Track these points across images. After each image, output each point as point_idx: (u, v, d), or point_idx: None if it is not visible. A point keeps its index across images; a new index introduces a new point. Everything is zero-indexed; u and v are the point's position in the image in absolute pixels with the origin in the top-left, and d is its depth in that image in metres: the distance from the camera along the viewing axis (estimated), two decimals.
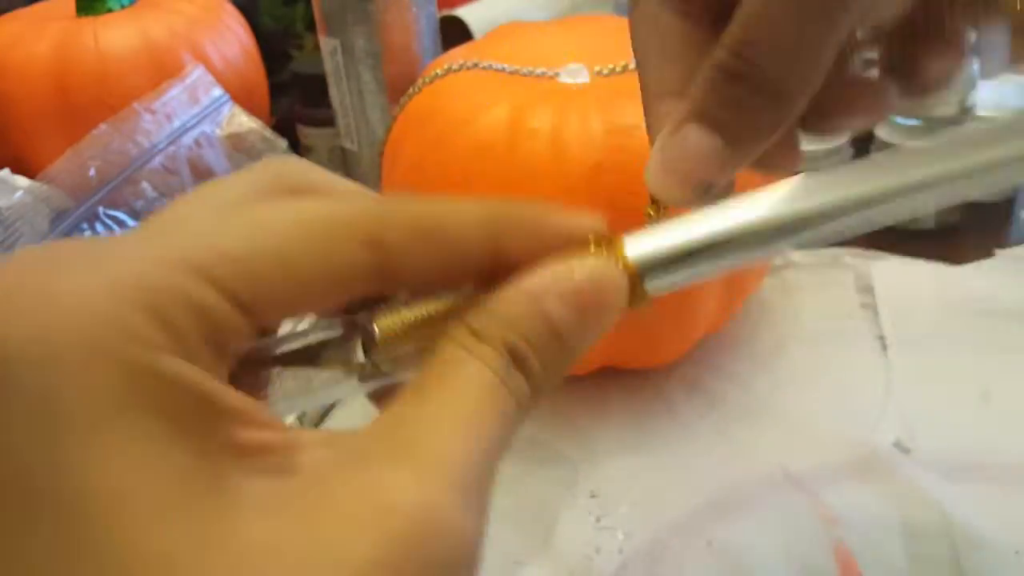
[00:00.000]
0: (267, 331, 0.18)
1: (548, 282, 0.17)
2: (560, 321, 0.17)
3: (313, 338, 0.19)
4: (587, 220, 0.19)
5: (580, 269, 0.18)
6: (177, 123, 0.56)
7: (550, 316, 0.17)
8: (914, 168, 0.18)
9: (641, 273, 0.19)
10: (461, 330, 0.17)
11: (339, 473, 0.15)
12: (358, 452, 0.15)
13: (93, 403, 0.14)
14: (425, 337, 0.18)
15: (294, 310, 0.17)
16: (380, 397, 0.21)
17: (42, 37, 0.60)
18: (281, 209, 0.17)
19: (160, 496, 0.14)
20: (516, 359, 0.17)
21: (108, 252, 0.15)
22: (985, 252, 0.50)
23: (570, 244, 0.18)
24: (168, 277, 0.15)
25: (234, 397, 0.15)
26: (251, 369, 0.18)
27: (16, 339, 0.14)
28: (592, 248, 0.19)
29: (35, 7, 0.67)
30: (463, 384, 0.16)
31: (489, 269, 0.18)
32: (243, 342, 0.16)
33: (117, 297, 0.14)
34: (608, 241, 0.19)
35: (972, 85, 0.54)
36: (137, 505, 0.13)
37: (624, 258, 0.19)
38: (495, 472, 0.16)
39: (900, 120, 0.54)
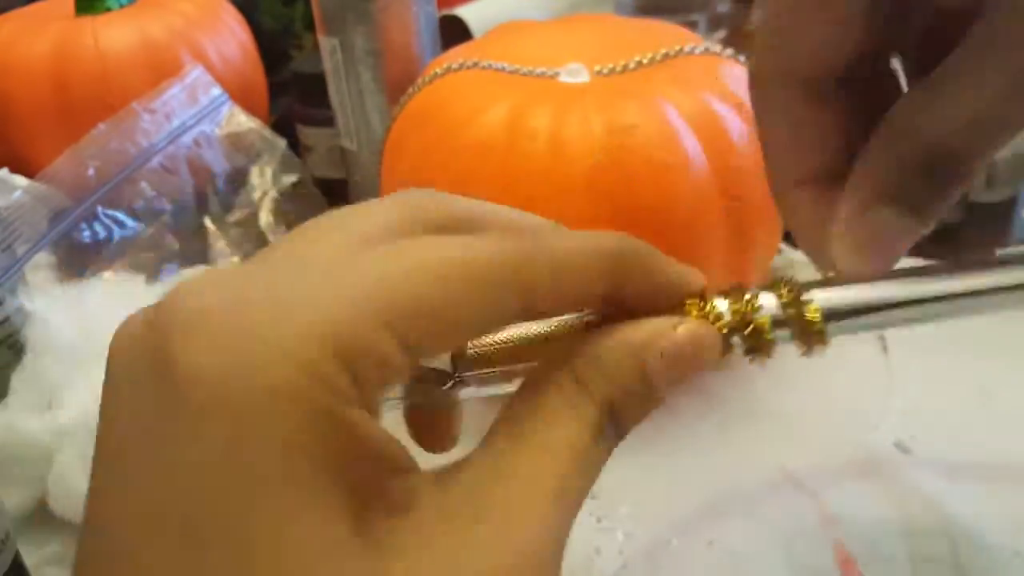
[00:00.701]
0: None
1: (652, 336, 0.18)
2: (655, 374, 0.18)
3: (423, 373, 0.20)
4: (698, 276, 0.20)
5: (683, 327, 0.19)
6: (176, 123, 0.56)
7: (649, 370, 0.18)
8: None
9: (826, 316, 0.20)
10: (565, 376, 0.18)
11: (458, 518, 0.16)
12: (471, 496, 0.16)
13: (278, 453, 0.14)
14: (514, 358, 0.19)
15: (444, 350, 0.18)
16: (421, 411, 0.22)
17: (41, 37, 0.60)
18: (443, 249, 0.17)
19: (324, 543, 0.14)
20: (612, 413, 0.18)
21: (292, 292, 0.16)
22: (985, 251, 0.50)
23: (679, 294, 0.19)
24: (355, 325, 0.15)
25: (386, 441, 0.16)
26: None
27: (204, 375, 0.14)
28: (695, 305, 0.20)
29: (34, 7, 0.66)
30: (564, 443, 0.17)
31: (605, 301, 0.19)
32: (403, 380, 0.17)
33: (310, 344, 0.15)
34: (706, 301, 0.20)
35: None
36: (301, 551, 0.14)
37: (756, 307, 0.20)
38: (572, 525, 0.17)
39: None
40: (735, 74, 0.42)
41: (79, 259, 0.50)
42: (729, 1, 0.83)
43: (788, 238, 0.49)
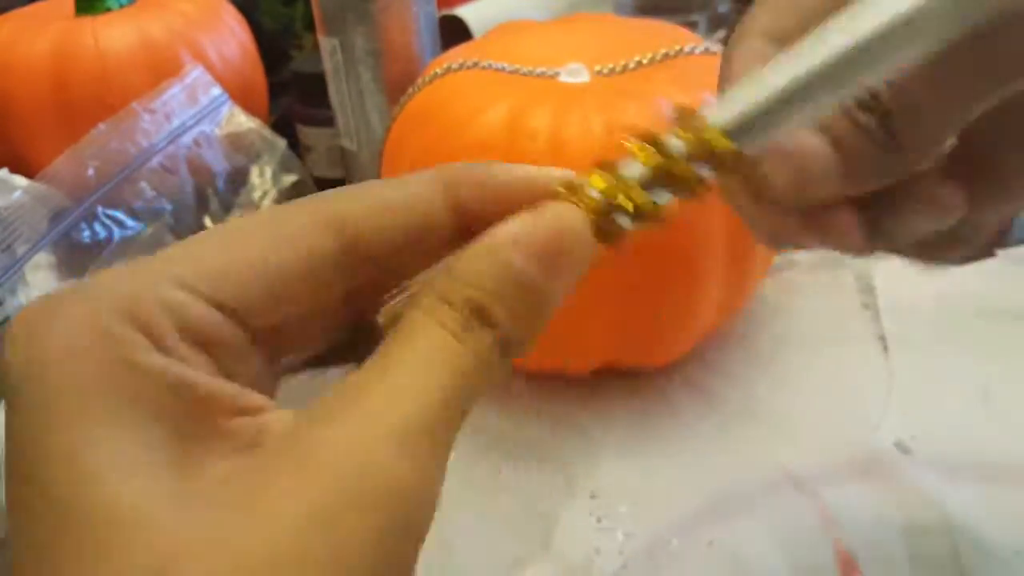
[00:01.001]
0: (283, 334, 0.18)
1: (507, 234, 0.17)
2: (523, 270, 0.17)
3: (323, 341, 0.19)
4: (555, 173, 0.19)
5: (539, 217, 0.17)
6: (176, 123, 0.56)
7: (512, 266, 0.17)
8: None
9: (728, 133, 0.19)
10: (424, 296, 0.17)
11: (287, 440, 0.16)
12: (310, 417, 0.16)
13: (72, 397, 0.15)
14: None
15: (283, 306, 0.17)
16: None
17: (41, 36, 0.60)
18: (253, 216, 0.18)
19: (128, 466, 0.15)
20: (478, 314, 0.17)
21: (95, 280, 0.17)
22: (985, 252, 0.50)
23: (537, 198, 0.18)
24: (143, 288, 0.16)
25: (213, 385, 0.16)
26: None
27: (17, 363, 0.16)
28: (562, 195, 0.18)
29: (34, 7, 0.66)
30: (416, 345, 0.16)
31: (460, 237, 0.18)
32: (236, 343, 0.17)
33: (94, 309, 0.16)
34: (575, 188, 0.19)
35: None
36: (108, 474, 0.15)
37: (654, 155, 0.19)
38: (453, 428, 0.16)
39: None
40: None
41: (79, 259, 0.50)
42: (729, 1, 0.83)
43: None
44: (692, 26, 0.75)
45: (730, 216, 0.39)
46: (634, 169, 0.19)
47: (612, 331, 0.40)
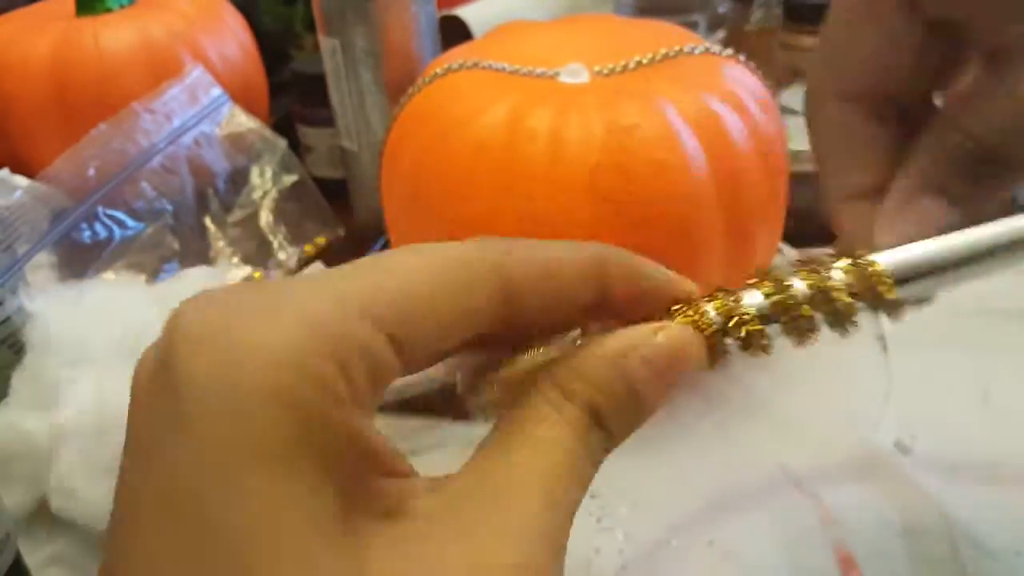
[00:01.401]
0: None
1: (632, 343, 0.18)
2: (638, 380, 0.18)
3: (428, 384, 0.21)
4: (686, 283, 0.20)
5: (663, 332, 0.19)
6: (176, 123, 0.56)
7: (630, 376, 0.18)
8: None
9: (894, 277, 0.20)
10: (548, 386, 0.18)
11: (445, 525, 0.16)
12: (459, 503, 0.17)
13: (266, 448, 0.15)
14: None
15: (434, 348, 0.18)
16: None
17: (42, 37, 0.60)
18: (425, 250, 0.18)
19: (304, 537, 0.15)
20: (597, 418, 0.18)
21: (286, 298, 0.16)
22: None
23: (665, 300, 0.20)
24: (343, 323, 0.16)
25: (379, 442, 0.17)
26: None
27: (200, 383, 0.15)
28: (681, 311, 0.20)
29: (34, 7, 0.66)
30: (549, 445, 0.17)
31: (595, 312, 0.19)
32: (394, 379, 0.17)
33: (299, 343, 0.15)
34: (695, 307, 0.20)
35: None
36: (282, 543, 0.14)
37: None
38: (569, 531, 0.17)
39: None
40: (735, 74, 0.42)
41: (80, 259, 0.50)
42: (729, 1, 0.84)
43: (788, 238, 0.49)
44: (692, 26, 0.75)
45: (729, 216, 0.39)
46: (754, 298, 0.20)
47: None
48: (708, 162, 0.38)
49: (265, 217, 0.57)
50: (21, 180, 0.49)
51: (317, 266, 0.55)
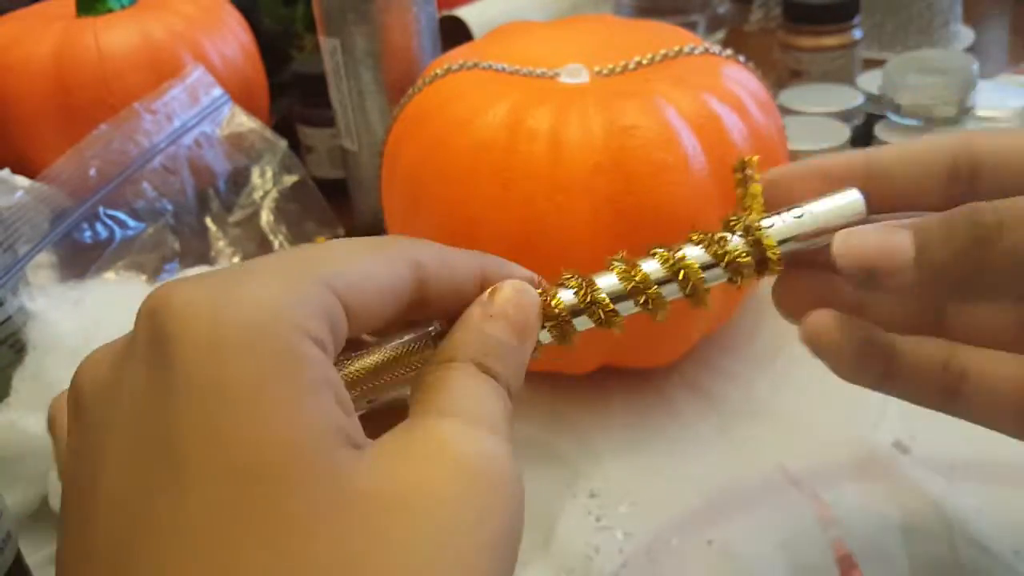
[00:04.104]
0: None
1: (482, 309, 0.22)
2: (500, 333, 0.22)
3: (401, 390, 0.23)
4: (522, 271, 0.24)
5: (496, 292, 0.23)
6: (177, 123, 0.56)
7: (491, 332, 0.22)
8: None
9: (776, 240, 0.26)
10: (438, 360, 0.21)
11: (403, 457, 0.19)
12: (406, 436, 0.20)
13: (284, 371, 0.17)
14: (374, 377, 0.22)
15: (376, 319, 0.21)
16: None
17: (42, 37, 0.60)
18: (363, 240, 0.22)
19: (329, 441, 0.18)
20: (483, 368, 0.21)
21: (258, 267, 0.20)
22: None
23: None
24: (313, 286, 0.19)
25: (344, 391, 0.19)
26: None
27: (203, 336, 0.18)
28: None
29: (35, 7, 0.67)
30: (463, 379, 0.21)
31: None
32: (342, 344, 0.20)
33: (285, 300, 0.18)
34: (547, 290, 0.24)
35: (972, 86, 0.54)
36: (314, 449, 0.17)
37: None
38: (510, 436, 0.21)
39: (898, 119, 0.54)
40: (735, 75, 0.42)
41: (81, 259, 0.50)
42: (729, 2, 0.84)
43: None
44: (692, 26, 0.75)
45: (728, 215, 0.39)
46: (606, 280, 0.24)
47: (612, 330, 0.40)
48: (708, 162, 0.38)
49: (266, 217, 0.57)
50: (22, 180, 0.49)
51: None
